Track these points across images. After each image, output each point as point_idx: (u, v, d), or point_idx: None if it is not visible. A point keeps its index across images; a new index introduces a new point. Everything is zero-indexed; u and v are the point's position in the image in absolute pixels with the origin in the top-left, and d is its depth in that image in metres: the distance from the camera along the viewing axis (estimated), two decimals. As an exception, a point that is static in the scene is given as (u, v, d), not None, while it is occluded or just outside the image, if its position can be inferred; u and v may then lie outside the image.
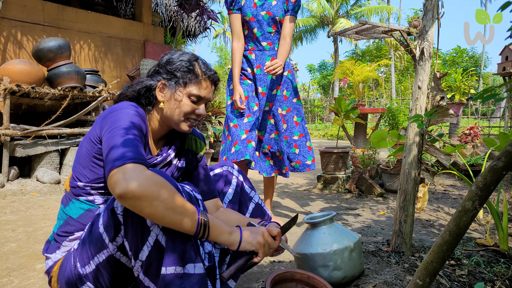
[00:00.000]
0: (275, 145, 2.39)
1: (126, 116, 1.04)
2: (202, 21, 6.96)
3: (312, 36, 23.90)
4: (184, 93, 1.16)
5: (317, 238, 1.46)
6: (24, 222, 2.47)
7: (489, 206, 1.83)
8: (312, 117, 14.43)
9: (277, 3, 2.28)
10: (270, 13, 2.27)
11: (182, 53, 1.21)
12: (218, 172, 1.43)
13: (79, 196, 1.12)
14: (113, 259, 1.01)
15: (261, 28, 2.30)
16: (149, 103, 1.19)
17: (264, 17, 2.27)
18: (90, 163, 1.10)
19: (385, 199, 3.37)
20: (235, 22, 2.26)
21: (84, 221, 1.12)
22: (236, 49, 2.29)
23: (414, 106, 1.69)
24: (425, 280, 0.99)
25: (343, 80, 8.20)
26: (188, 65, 1.17)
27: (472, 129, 4.82)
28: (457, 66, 24.44)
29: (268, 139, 2.40)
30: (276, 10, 2.28)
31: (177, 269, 0.91)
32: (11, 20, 4.42)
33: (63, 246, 1.13)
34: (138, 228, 0.93)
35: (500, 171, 0.88)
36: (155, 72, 1.21)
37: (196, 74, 1.17)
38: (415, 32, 1.85)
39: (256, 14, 2.26)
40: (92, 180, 1.10)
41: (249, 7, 2.26)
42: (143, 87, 1.18)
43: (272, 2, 2.27)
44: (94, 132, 1.09)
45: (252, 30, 2.31)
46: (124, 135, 0.97)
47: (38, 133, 3.73)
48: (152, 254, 0.93)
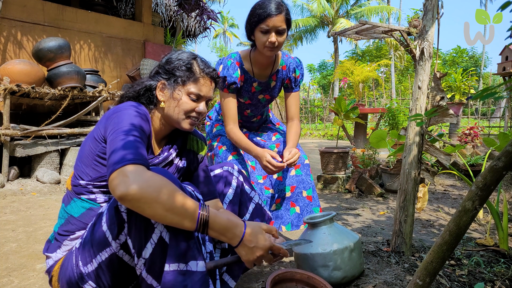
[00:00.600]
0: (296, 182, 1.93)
1: (127, 117, 1.04)
2: (202, 21, 6.96)
3: (312, 36, 23.91)
4: (183, 91, 1.17)
5: (317, 238, 1.46)
6: (24, 222, 2.47)
7: (489, 206, 1.83)
8: (312, 117, 14.43)
9: (276, 84, 1.96)
10: (268, 96, 1.99)
11: (180, 52, 1.22)
12: (218, 173, 1.43)
13: (81, 195, 1.13)
14: (115, 258, 1.01)
15: (255, 110, 2.03)
16: (150, 102, 1.20)
17: (262, 100, 1.98)
18: (93, 162, 1.11)
19: (385, 199, 3.37)
20: (231, 104, 1.83)
21: (86, 220, 1.12)
22: (236, 133, 1.82)
23: (414, 106, 1.69)
24: (425, 280, 0.99)
25: (343, 80, 8.21)
26: (186, 63, 1.18)
27: (472, 129, 4.82)
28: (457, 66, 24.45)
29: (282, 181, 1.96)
30: (275, 92, 1.99)
31: (180, 266, 0.92)
32: (11, 20, 4.42)
33: (64, 245, 1.13)
34: (142, 225, 0.94)
35: (500, 171, 0.88)
36: (155, 73, 1.22)
37: (194, 72, 1.18)
38: (415, 32, 1.85)
39: (253, 98, 1.95)
40: (94, 178, 1.11)
41: (247, 91, 1.91)
42: (143, 88, 1.19)
43: (271, 83, 1.94)
44: (98, 131, 1.10)
45: (243, 110, 2.02)
46: (125, 137, 0.98)
47: (38, 133, 3.74)
48: (155, 251, 0.93)
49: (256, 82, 1.89)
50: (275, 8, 1.63)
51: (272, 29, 1.65)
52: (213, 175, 1.43)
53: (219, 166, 1.46)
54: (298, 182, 1.86)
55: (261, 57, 1.81)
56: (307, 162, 1.94)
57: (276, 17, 1.63)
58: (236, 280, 1.30)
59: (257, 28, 1.68)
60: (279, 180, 1.93)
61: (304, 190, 1.84)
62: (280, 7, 1.65)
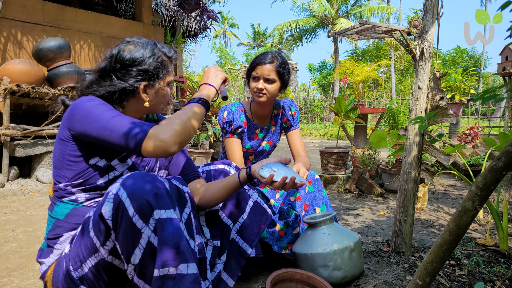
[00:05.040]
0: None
1: (99, 107, 1.07)
2: (202, 21, 6.96)
3: (312, 36, 23.93)
4: (163, 84, 1.22)
5: (317, 238, 1.46)
6: (24, 222, 2.47)
7: (489, 206, 1.83)
8: (312, 117, 14.43)
9: (276, 128, 1.99)
10: (271, 142, 2.00)
11: (140, 47, 1.20)
12: (218, 168, 1.45)
13: (63, 198, 1.14)
14: (105, 263, 1.01)
15: (258, 157, 2.02)
16: (120, 103, 1.18)
17: (265, 147, 1.99)
18: (66, 162, 1.12)
19: (385, 199, 3.37)
20: (236, 148, 1.84)
21: (71, 220, 1.13)
22: None
23: (414, 106, 1.69)
24: (425, 280, 0.99)
25: (343, 80, 8.21)
26: (158, 59, 1.19)
27: (472, 129, 4.82)
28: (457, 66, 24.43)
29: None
30: (276, 136, 2.01)
31: (170, 270, 0.91)
32: (11, 20, 4.42)
33: (55, 249, 1.14)
34: (128, 231, 0.93)
35: (500, 171, 0.88)
36: (124, 75, 1.16)
37: (166, 64, 1.22)
38: (415, 32, 1.85)
39: (256, 146, 1.95)
40: (71, 178, 1.12)
41: (250, 138, 1.92)
42: (118, 90, 1.15)
43: (271, 128, 1.98)
44: (64, 132, 1.11)
45: (246, 159, 2.00)
46: (116, 116, 1.05)
47: (38, 133, 3.74)
48: (145, 256, 0.93)
49: (258, 128, 1.94)
50: (268, 59, 1.77)
51: (260, 76, 1.77)
52: (213, 169, 1.45)
53: (219, 162, 1.47)
54: (310, 200, 1.80)
55: (258, 106, 1.89)
56: (317, 177, 1.85)
57: (265, 66, 1.76)
58: (234, 279, 1.29)
59: (250, 76, 1.82)
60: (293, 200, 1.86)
61: (317, 207, 1.77)
62: (273, 58, 1.78)
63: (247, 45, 44.57)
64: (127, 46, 1.20)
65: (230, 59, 37.52)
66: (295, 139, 1.96)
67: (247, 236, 1.37)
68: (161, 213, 0.93)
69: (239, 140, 1.86)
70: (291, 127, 1.99)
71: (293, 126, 1.99)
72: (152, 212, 0.92)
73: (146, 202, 0.92)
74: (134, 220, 0.92)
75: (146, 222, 0.92)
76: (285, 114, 1.98)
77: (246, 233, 1.37)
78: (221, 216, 1.35)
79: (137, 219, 0.92)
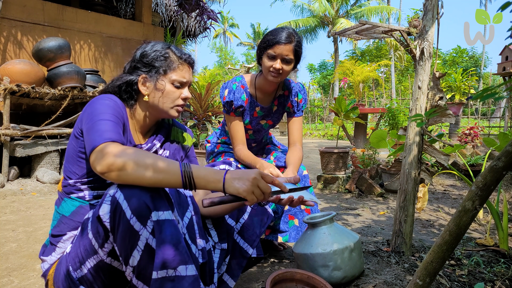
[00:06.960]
0: None
1: (100, 106, 1.09)
2: (202, 21, 6.96)
3: (312, 36, 23.92)
4: (166, 81, 1.20)
5: (317, 238, 1.46)
6: (24, 222, 2.47)
7: (489, 206, 1.83)
8: (312, 117, 14.42)
9: (278, 109, 1.95)
10: (271, 122, 1.98)
11: (153, 44, 1.24)
12: (219, 167, 1.45)
13: (71, 194, 1.16)
14: (104, 264, 1.01)
15: (257, 134, 2.01)
16: (131, 97, 1.22)
17: (264, 126, 1.98)
18: (77, 159, 1.14)
19: (385, 199, 3.37)
20: (238, 127, 1.84)
21: (76, 218, 1.14)
22: (244, 152, 1.81)
23: (414, 106, 1.69)
24: (425, 280, 0.99)
25: (343, 80, 8.21)
26: (163, 53, 1.20)
27: (472, 129, 4.82)
28: (457, 66, 24.42)
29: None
30: (277, 117, 1.98)
31: (168, 272, 0.90)
32: (11, 20, 4.42)
33: (58, 248, 1.14)
34: (126, 233, 0.92)
35: (500, 171, 0.88)
36: (133, 68, 1.22)
37: (172, 61, 1.21)
38: (415, 32, 1.85)
39: (255, 123, 1.94)
40: (81, 175, 1.14)
41: (249, 114, 1.90)
42: (123, 83, 1.20)
43: (273, 108, 1.94)
44: (77, 128, 1.14)
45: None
46: (99, 121, 1.04)
47: (38, 133, 3.74)
48: (143, 258, 0.93)
49: (259, 106, 1.90)
50: (285, 37, 1.66)
51: (278, 56, 1.67)
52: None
53: (219, 163, 1.48)
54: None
55: (266, 83, 1.82)
56: (305, 173, 1.90)
57: (284, 46, 1.66)
58: (235, 280, 1.29)
59: (265, 53, 1.71)
60: None
61: None
62: (290, 37, 1.67)
63: (247, 45, 44.56)
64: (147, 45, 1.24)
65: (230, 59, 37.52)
66: (294, 128, 1.92)
67: (248, 237, 1.37)
68: (159, 215, 0.93)
69: (240, 118, 1.86)
70: (294, 113, 1.94)
71: (296, 113, 1.93)
72: (149, 214, 0.92)
73: (143, 203, 0.92)
74: (132, 222, 0.91)
75: (144, 224, 0.91)
76: (290, 98, 1.92)
77: (247, 234, 1.37)
78: (225, 217, 1.35)
79: (134, 221, 0.91)
